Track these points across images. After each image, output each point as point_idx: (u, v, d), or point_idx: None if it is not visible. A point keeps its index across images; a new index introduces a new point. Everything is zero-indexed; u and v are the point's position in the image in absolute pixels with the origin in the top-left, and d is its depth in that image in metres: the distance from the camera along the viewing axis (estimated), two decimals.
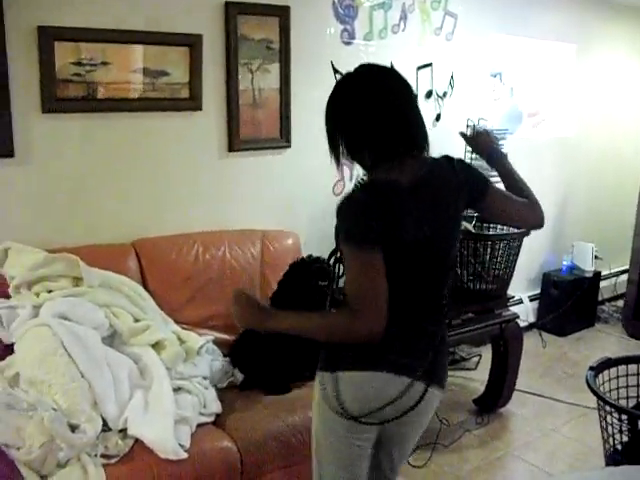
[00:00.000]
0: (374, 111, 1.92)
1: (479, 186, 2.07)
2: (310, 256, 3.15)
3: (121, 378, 2.52)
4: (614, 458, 2.62)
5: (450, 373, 4.34)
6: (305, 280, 3.03)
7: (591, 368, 2.70)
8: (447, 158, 2.06)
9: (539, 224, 2.33)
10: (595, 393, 2.57)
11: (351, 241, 1.85)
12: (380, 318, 1.81)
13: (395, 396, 1.90)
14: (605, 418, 2.61)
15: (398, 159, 1.93)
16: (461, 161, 2.08)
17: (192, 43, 3.23)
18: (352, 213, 1.87)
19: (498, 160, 2.32)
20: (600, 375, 2.72)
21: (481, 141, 2.38)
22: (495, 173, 2.35)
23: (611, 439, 2.62)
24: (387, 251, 1.83)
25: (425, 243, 1.89)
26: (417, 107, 2.00)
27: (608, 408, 2.54)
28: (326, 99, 2.05)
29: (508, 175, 2.29)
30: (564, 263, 5.43)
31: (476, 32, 4.54)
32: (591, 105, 5.64)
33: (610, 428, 2.60)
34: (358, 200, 1.88)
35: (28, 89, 2.88)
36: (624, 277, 5.77)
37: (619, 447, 2.62)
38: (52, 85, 2.90)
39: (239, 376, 3.02)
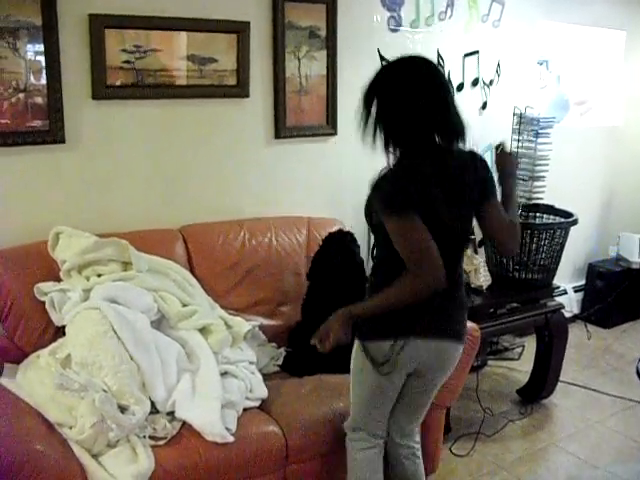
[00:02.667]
0: (410, 103, 2.08)
1: (488, 190, 2.23)
2: (340, 230, 3.18)
3: (169, 361, 2.55)
4: None
5: (493, 363, 4.39)
6: (332, 250, 3.08)
7: None
8: (472, 153, 2.23)
9: (510, 254, 2.69)
10: None
11: (393, 210, 2.05)
12: (438, 270, 2.06)
13: (425, 357, 2.23)
14: None
15: (427, 149, 2.13)
16: (483, 160, 2.25)
17: (239, 30, 3.25)
18: (389, 186, 2.09)
19: (507, 178, 2.43)
20: None
21: (503, 159, 2.48)
22: None
23: None
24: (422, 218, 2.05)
25: (445, 221, 2.09)
26: (452, 103, 2.14)
27: None
28: None
29: (508, 195, 2.40)
30: (610, 254, 5.36)
31: (523, 19, 4.48)
32: None
33: None
34: (394, 175, 2.11)
35: (79, 76, 2.92)
36: None
37: None
38: (102, 72, 2.95)
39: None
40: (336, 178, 3.74)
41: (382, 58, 3.75)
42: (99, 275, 2.74)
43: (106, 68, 2.95)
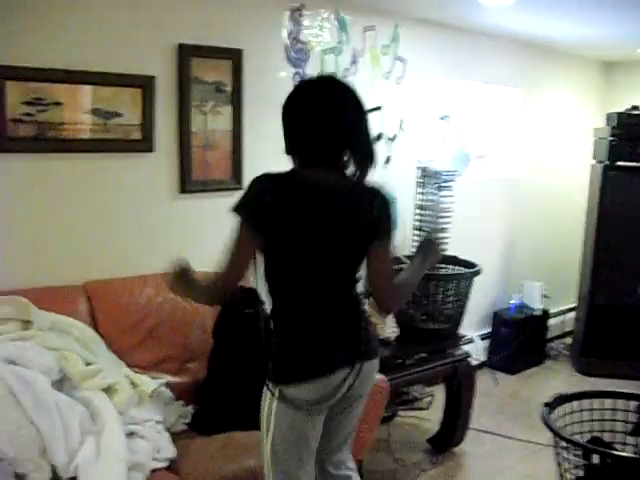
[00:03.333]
0: (305, 119, 2.12)
1: (378, 232, 2.18)
2: (242, 287, 3.15)
3: (72, 424, 2.44)
4: None
5: (403, 413, 4.40)
6: (234, 309, 3.04)
7: (546, 404, 2.72)
8: (374, 191, 2.18)
9: (383, 309, 2.43)
10: (551, 429, 2.60)
11: (239, 213, 2.08)
12: (222, 287, 2.18)
13: (328, 393, 2.13)
14: (560, 454, 2.63)
15: (324, 166, 2.12)
16: (385, 202, 2.19)
17: (144, 84, 3.23)
18: (252, 189, 2.10)
19: (420, 255, 2.41)
20: (554, 411, 2.75)
21: (426, 245, 2.49)
22: None
23: (567, 474, 2.64)
24: (277, 241, 2.08)
25: (320, 244, 2.09)
26: (361, 126, 2.15)
27: (563, 444, 2.56)
28: (278, 141, 2.25)
29: (411, 268, 2.37)
30: (512, 302, 5.52)
31: (425, 76, 4.65)
32: (536, 148, 5.80)
33: (566, 463, 2.62)
34: (263, 180, 2.11)
35: None
36: (572, 315, 5.90)
37: None
38: (2, 124, 2.86)
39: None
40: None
41: None
42: None
43: (6, 120, 2.87)
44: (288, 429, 2.15)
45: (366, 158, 2.15)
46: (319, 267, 2.13)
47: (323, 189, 2.10)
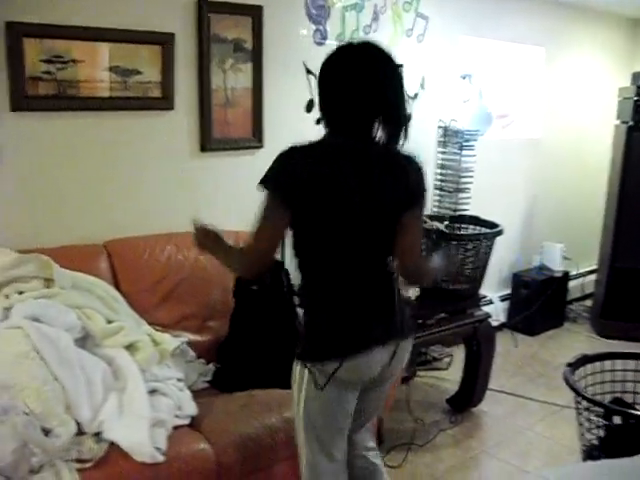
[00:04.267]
0: (344, 88, 2.01)
1: (413, 200, 2.11)
2: None
3: (95, 381, 2.47)
4: (590, 454, 2.64)
5: (422, 373, 4.41)
6: (242, 286, 3.06)
7: (568, 365, 2.72)
8: (407, 157, 2.10)
9: (408, 281, 2.34)
10: (573, 389, 2.59)
11: (267, 186, 1.99)
12: (259, 261, 2.07)
13: (362, 372, 2.10)
14: (581, 414, 2.62)
15: (357, 135, 2.03)
16: (419, 168, 2.13)
17: (164, 42, 3.20)
18: (281, 160, 2.00)
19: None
20: (576, 372, 2.74)
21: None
22: None
23: (588, 434, 2.64)
24: (309, 211, 1.98)
25: (358, 214, 1.99)
26: (399, 97, 2.06)
27: (585, 404, 2.56)
28: (299, 99, 2.20)
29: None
30: (533, 263, 5.49)
31: (447, 34, 4.57)
32: (560, 107, 5.71)
33: (587, 424, 2.62)
34: (292, 151, 2.00)
35: None
36: (592, 277, 5.86)
37: (596, 442, 2.64)
38: (21, 83, 2.85)
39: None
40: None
41: (308, 71, 3.76)
42: (20, 293, 2.63)
43: (25, 78, 2.85)
44: (321, 404, 2.11)
45: (401, 126, 2.05)
46: (355, 239, 2.04)
47: (359, 157, 2.01)
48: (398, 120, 2.05)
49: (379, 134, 2.06)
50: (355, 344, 2.06)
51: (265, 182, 1.99)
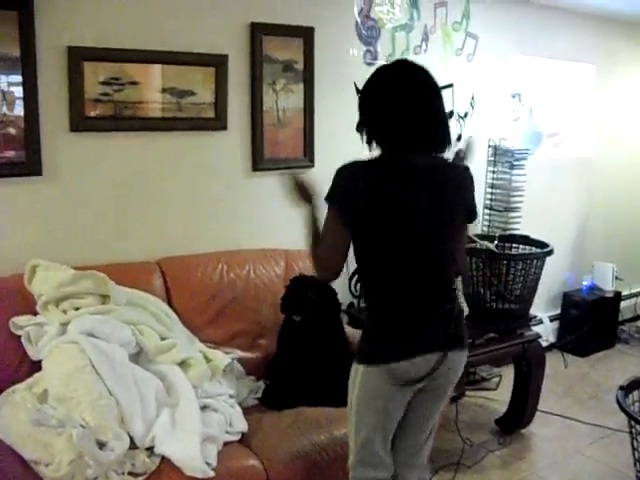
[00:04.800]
0: (392, 107, 2.07)
1: (470, 209, 2.24)
2: (302, 274, 3.19)
3: (148, 396, 2.52)
4: None
5: (471, 393, 4.38)
6: (298, 294, 3.06)
7: (621, 388, 2.68)
8: (462, 169, 2.21)
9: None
10: (627, 413, 2.55)
11: (332, 200, 2.06)
12: (327, 271, 2.14)
13: (414, 376, 2.15)
14: (636, 438, 2.58)
15: (411, 149, 2.08)
16: (472, 180, 2.23)
17: (217, 63, 3.27)
18: (342, 174, 2.06)
19: None
20: (629, 395, 2.70)
21: None
22: None
23: None
24: (375, 227, 2.04)
25: (417, 226, 2.06)
26: (437, 109, 2.11)
27: (639, 428, 2.52)
28: (349, 119, 2.24)
29: None
30: (584, 283, 5.42)
31: (496, 53, 4.57)
32: (610, 125, 5.64)
33: None
34: (352, 167, 2.07)
35: (57, 108, 2.92)
36: None
37: None
38: (80, 104, 2.95)
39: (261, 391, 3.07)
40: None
41: (358, 91, 3.77)
42: (77, 308, 2.71)
43: (84, 100, 2.95)
44: (372, 398, 2.18)
45: (447, 136, 2.13)
46: (415, 250, 2.11)
47: (418, 169, 2.08)
48: (444, 130, 2.12)
49: (428, 146, 2.12)
50: (408, 349, 2.12)
51: (329, 197, 2.07)
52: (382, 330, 2.16)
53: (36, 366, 2.59)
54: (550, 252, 3.78)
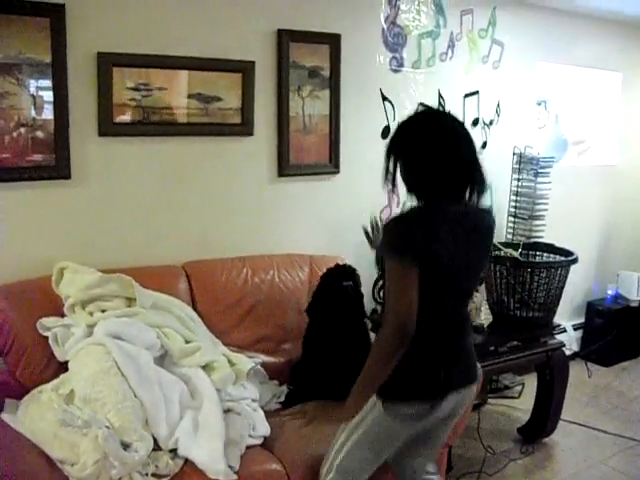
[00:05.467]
0: (436, 158, 2.09)
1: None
2: (338, 264, 3.19)
3: (172, 398, 2.54)
4: None
5: (493, 401, 4.37)
6: (333, 283, 3.07)
7: None
8: (488, 212, 2.27)
9: None
10: None
11: (395, 251, 2.06)
12: (408, 320, 2.01)
13: (448, 411, 2.23)
14: None
15: (449, 199, 2.13)
16: (494, 221, 2.29)
17: (244, 69, 3.29)
18: (399, 227, 2.08)
19: None
20: None
21: None
22: None
23: None
24: (427, 271, 2.03)
25: (458, 269, 2.11)
26: (476, 156, 2.15)
27: None
28: (375, 126, 2.23)
29: None
30: (609, 292, 5.37)
31: (522, 60, 4.56)
32: (636, 133, 5.60)
33: None
34: (406, 217, 2.13)
35: (86, 113, 2.96)
36: None
37: None
38: (109, 109, 2.98)
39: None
40: (338, 216, 3.76)
41: (384, 98, 3.81)
42: (103, 311, 2.74)
43: (113, 105, 2.98)
44: (381, 431, 2.21)
45: (483, 187, 2.17)
46: (458, 292, 2.19)
47: (460, 218, 2.12)
48: (481, 181, 2.16)
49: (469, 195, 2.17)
50: (439, 390, 2.16)
51: (393, 249, 2.07)
52: (422, 367, 2.16)
53: (63, 367, 2.62)
54: (575, 260, 3.77)
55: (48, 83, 2.83)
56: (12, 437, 2.32)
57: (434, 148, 2.10)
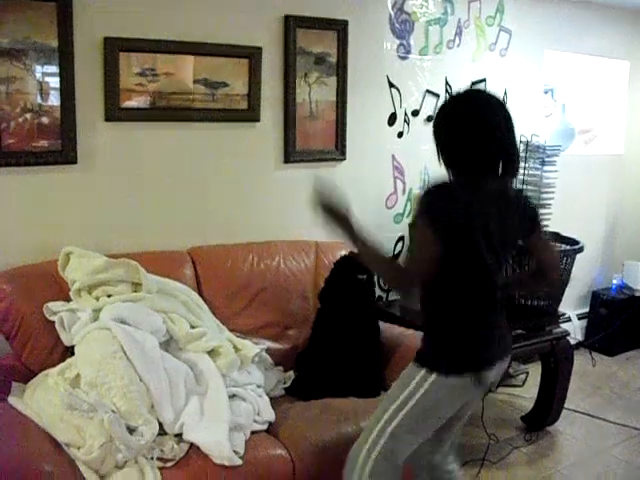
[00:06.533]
0: (475, 134, 2.12)
1: (537, 224, 2.31)
2: (352, 252, 3.16)
3: (177, 383, 2.55)
4: None
5: (497, 390, 4.36)
6: (347, 274, 3.07)
7: None
8: (519, 192, 2.34)
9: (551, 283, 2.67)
10: None
11: (427, 216, 2.08)
12: (416, 277, 2.13)
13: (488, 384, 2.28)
14: None
15: (485, 175, 2.16)
16: (528, 199, 2.36)
17: (251, 55, 3.29)
18: (433, 196, 2.11)
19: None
20: None
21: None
22: None
23: None
24: (456, 242, 2.08)
25: (489, 246, 2.13)
26: (514, 136, 2.19)
27: None
28: (381, 112, 2.26)
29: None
30: (614, 282, 5.37)
31: (530, 48, 4.54)
32: None
33: None
34: (442, 188, 2.14)
35: (92, 98, 2.96)
36: None
37: None
38: (115, 94, 2.98)
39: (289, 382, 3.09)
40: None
41: (391, 85, 3.80)
42: (109, 295, 2.75)
43: (120, 90, 2.98)
44: (431, 404, 2.22)
45: (517, 164, 2.21)
46: (488, 267, 2.19)
47: (494, 193, 2.16)
48: (516, 159, 2.20)
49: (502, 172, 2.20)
50: (487, 359, 2.23)
51: (424, 215, 2.10)
52: (470, 340, 2.21)
53: (69, 351, 2.64)
54: (580, 249, 3.76)
55: (55, 68, 2.83)
56: (19, 420, 2.33)
57: (468, 122, 2.13)
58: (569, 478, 3.47)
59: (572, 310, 5.16)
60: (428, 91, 4.00)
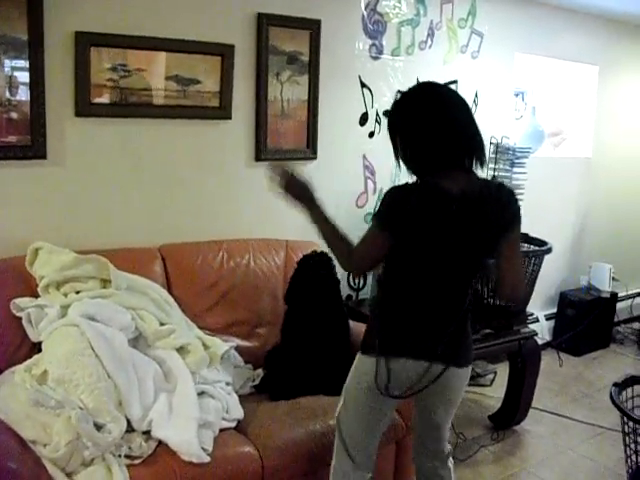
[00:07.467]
0: (431, 126, 2.08)
1: (514, 222, 2.20)
2: (315, 251, 3.18)
3: (146, 380, 2.54)
4: (636, 478, 2.62)
5: (465, 389, 4.39)
6: (309, 272, 3.07)
7: (615, 384, 2.70)
8: (499, 185, 2.23)
9: (510, 301, 2.82)
10: (620, 409, 2.58)
11: (379, 221, 2.12)
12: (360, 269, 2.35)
13: (415, 378, 2.20)
14: (628, 436, 2.61)
15: (448, 171, 2.10)
16: (512, 192, 2.21)
17: (224, 53, 3.28)
18: (388, 199, 2.11)
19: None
20: (623, 393, 2.73)
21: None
22: None
23: (634, 456, 2.62)
24: (410, 242, 2.10)
25: (451, 247, 2.10)
26: (474, 124, 2.14)
27: (632, 425, 2.54)
28: (353, 112, 2.24)
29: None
30: (581, 283, 5.44)
31: (501, 51, 4.59)
32: (612, 126, 5.66)
33: (633, 445, 2.60)
34: (398, 190, 2.11)
35: (63, 93, 2.93)
36: None
37: None
38: (86, 89, 2.95)
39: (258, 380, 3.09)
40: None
41: (363, 85, 3.82)
42: (77, 292, 2.73)
43: (90, 86, 2.96)
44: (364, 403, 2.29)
45: (482, 156, 2.16)
46: (446, 269, 2.16)
47: (453, 195, 2.07)
48: (480, 150, 2.15)
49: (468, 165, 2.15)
50: (407, 349, 2.19)
51: (378, 214, 2.14)
52: (392, 325, 2.22)
53: (36, 348, 2.61)
54: (548, 250, 3.81)
55: (24, 62, 2.79)
56: None
57: (426, 114, 2.10)
58: (535, 476, 3.51)
59: (540, 310, 5.22)
60: (400, 92, 4.01)
